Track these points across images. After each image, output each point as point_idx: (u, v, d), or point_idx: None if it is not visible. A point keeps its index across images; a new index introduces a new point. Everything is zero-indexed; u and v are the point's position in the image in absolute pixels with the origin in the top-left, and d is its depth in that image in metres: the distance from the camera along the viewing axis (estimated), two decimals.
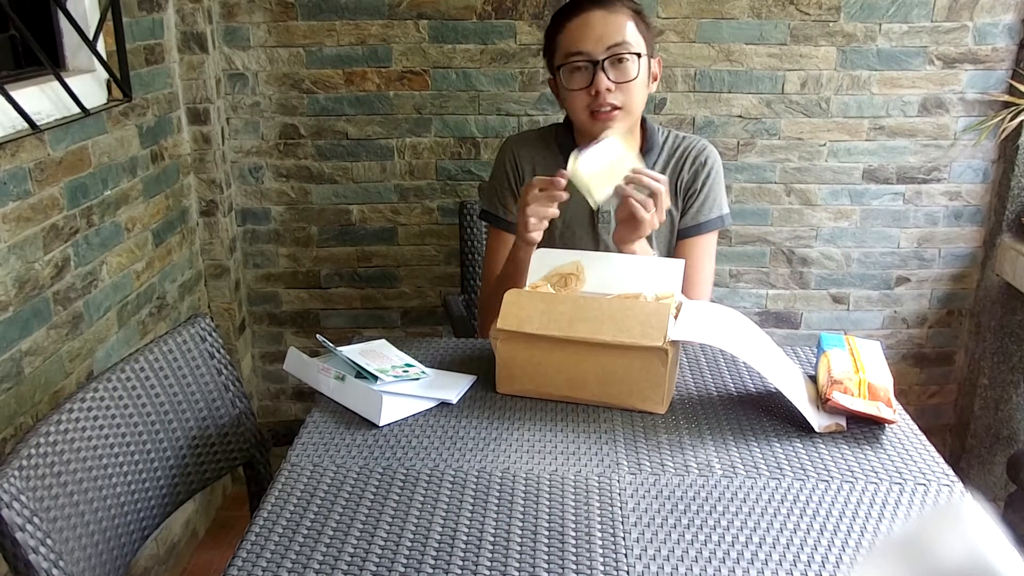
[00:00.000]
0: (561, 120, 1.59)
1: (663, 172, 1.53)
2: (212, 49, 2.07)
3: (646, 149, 1.52)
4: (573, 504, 0.98)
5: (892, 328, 2.37)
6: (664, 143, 1.54)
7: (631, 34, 1.41)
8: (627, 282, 1.28)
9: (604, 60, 1.39)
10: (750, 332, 1.24)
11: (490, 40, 2.12)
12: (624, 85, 1.41)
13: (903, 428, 1.15)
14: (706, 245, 1.55)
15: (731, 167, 2.22)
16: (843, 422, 1.15)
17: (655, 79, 1.49)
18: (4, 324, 1.40)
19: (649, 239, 1.55)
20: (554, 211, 1.32)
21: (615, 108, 1.42)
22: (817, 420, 1.14)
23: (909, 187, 2.24)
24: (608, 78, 1.40)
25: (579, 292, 1.29)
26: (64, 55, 1.70)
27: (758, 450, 1.10)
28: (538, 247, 1.41)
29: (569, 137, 1.53)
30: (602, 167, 1.31)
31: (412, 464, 1.07)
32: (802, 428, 1.14)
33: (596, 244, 1.53)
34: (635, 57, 1.40)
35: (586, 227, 1.53)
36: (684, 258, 1.44)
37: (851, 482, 1.03)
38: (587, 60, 1.40)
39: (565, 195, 1.30)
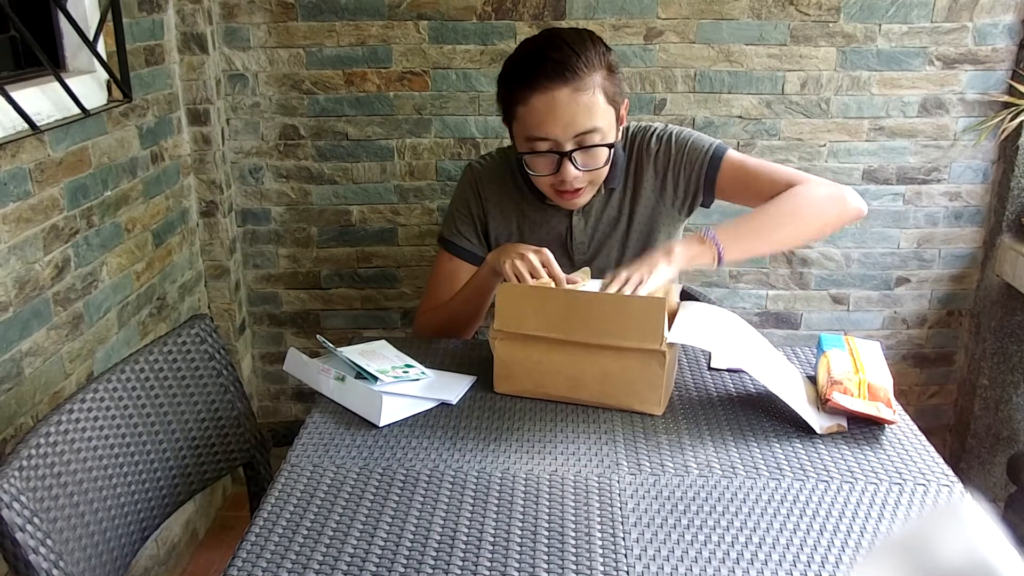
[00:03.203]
0: None
1: (628, 170, 1.45)
2: (212, 50, 2.07)
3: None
4: (573, 504, 0.98)
5: (892, 328, 2.37)
6: (625, 142, 1.46)
7: (601, 113, 1.28)
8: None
9: (573, 152, 1.29)
10: (748, 336, 1.24)
11: (490, 41, 2.12)
12: (594, 172, 1.33)
13: (903, 428, 1.15)
14: (735, 161, 1.40)
15: None
16: (844, 423, 1.15)
17: (622, 122, 1.38)
18: (4, 325, 1.40)
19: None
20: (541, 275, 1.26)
21: (581, 187, 1.35)
22: (818, 421, 1.14)
23: (909, 188, 2.24)
24: (576, 166, 1.30)
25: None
26: (64, 56, 1.70)
27: (758, 450, 1.10)
28: None
29: None
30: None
31: (412, 465, 1.07)
32: (802, 428, 1.14)
33: (570, 269, 1.43)
34: (605, 148, 1.31)
35: (560, 251, 1.46)
36: (736, 195, 1.37)
37: (851, 482, 1.03)
38: (553, 147, 1.30)
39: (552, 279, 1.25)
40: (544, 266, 1.25)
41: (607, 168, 1.36)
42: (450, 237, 1.52)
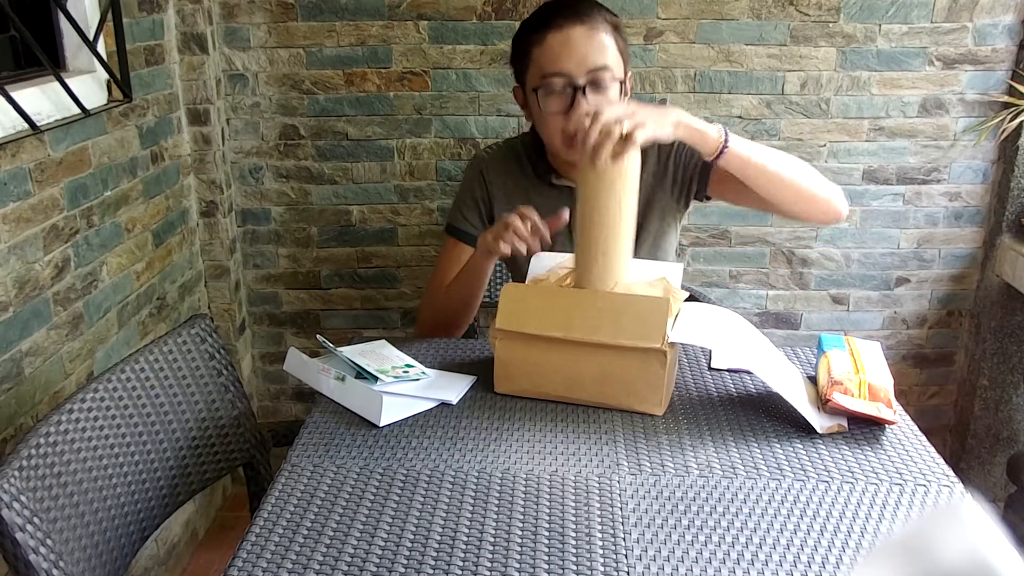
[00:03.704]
0: (529, 128, 1.52)
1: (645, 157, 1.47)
2: (212, 50, 2.07)
3: None
4: (573, 505, 0.98)
5: (892, 329, 2.37)
6: None
7: (612, 55, 1.34)
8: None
9: (586, 86, 1.32)
10: (749, 335, 1.24)
11: (490, 41, 2.12)
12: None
13: (903, 429, 1.16)
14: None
15: None
16: (844, 423, 1.15)
17: (627, 94, 1.41)
18: (4, 325, 1.40)
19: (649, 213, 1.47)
20: (535, 247, 1.26)
21: None
22: (819, 421, 1.14)
23: (909, 188, 2.24)
24: (588, 103, 1.32)
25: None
26: (64, 56, 1.70)
27: (758, 451, 1.10)
28: (519, 256, 1.39)
29: (542, 159, 1.47)
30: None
31: (412, 465, 1.07)
32: (802, 429, 1.14)
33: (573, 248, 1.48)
34: (617, 83, 1.34)
35: (563, 233, 1.45)
36: (732, 188, 1.37)
37: (851, 483, 1.03)
38: (567, 83, 1.33)
39: (549, 241, 1.26)
40: (524, 219, 1.25)
41: None
42: (454, 223, 1.55)
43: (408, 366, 1.29)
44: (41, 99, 1.52)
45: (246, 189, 2.25)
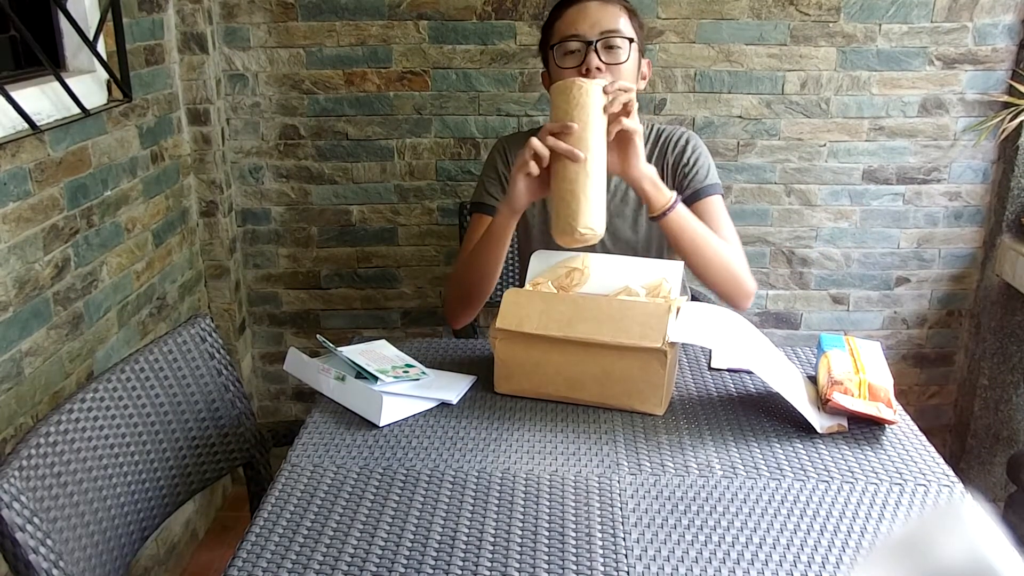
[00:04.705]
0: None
1: (647, 161, 1.52)
2: (212, 50, 2.07)
3: None
4: (573, 505, 0.98)
5: (892, 328, 2.37)
6: (648, 134, 1.55)
7: (624, 25, 1.45)
8: (629, 282, 1.28)
9: (597, 42, 1.42)
10: (750, 335, 1.24)
11: (490, 41, 2.12)
12: (615, 68, 1.42)
13: (903, 428, 1.16)
14: (716, 205, 1.52)
15: (731, 167, 2.22)
16: (844, 423, 1.15)
17: (644, 79, 1.50)
18: (4, 324, 1.40)
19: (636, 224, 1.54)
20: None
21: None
22: (819, 421, 1.14)
23: (909, 187, 2.24)
24: (600, 58, 1.42)
25: (581, 288, 1.28)
26: (64, 55, 1.70)
27: (758, 451, 1.10)
28: (532, 249, 1.41)
29: None
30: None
31: (412, 465, 1.07)
32: (802, 428, 1.14)
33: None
34: (627, 42, 1.43)
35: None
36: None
37: (851, 483, 1.03)
38: (581, 42, 1.43)
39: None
40: (537, 155, 1.26)
41: (627, 80, 1.42)
42: (479, 199, 1.58)
43: (408, 366, 1.29)
44: (41, 99, 1.52)
45: (246, 189, 2.25)
